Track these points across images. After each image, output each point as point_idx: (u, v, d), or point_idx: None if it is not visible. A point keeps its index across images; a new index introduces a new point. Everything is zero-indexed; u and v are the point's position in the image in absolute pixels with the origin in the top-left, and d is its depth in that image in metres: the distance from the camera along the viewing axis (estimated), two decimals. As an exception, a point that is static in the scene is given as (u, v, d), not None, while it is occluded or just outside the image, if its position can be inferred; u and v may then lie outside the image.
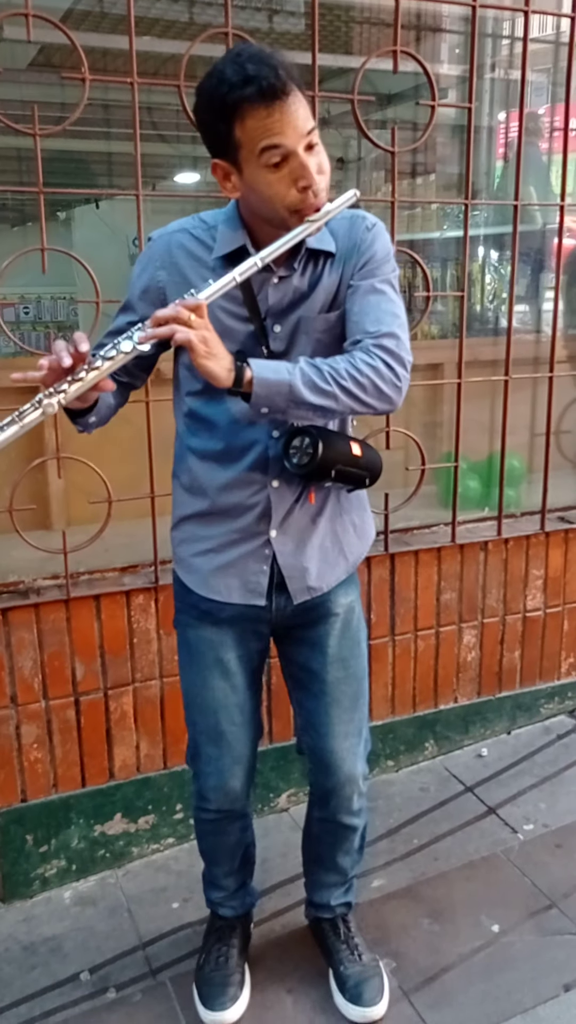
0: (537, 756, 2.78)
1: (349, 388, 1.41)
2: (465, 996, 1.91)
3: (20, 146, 4.01)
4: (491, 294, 3.70)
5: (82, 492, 2.27)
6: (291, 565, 1.63)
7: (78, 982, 1.99)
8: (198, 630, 1.71)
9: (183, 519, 1.68)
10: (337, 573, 1.70)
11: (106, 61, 3.18)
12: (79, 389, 1.31)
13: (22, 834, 2.23)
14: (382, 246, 1.54)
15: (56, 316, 6.61)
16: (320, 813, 1.87)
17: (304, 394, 1.39)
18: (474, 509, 2.89)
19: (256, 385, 1.38)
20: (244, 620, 1.68)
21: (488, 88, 3.66)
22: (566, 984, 1.93)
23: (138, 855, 2.37)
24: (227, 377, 1.36)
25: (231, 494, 1.59)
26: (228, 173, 1.42)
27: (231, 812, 1.83)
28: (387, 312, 1.49)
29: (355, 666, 1.76)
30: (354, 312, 1.50)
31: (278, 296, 1.53)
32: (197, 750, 1.79)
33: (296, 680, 1.79)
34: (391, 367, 1.44)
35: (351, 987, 1.88)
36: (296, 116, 1.34)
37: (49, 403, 1.28)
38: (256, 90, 1.30)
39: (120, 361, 1.34)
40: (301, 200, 1.38)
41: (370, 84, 2.89)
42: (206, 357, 1.34)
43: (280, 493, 1.59)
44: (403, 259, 2.57)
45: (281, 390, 1.39)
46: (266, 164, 1.35)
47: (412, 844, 2.41)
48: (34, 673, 2.18)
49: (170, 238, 1.54)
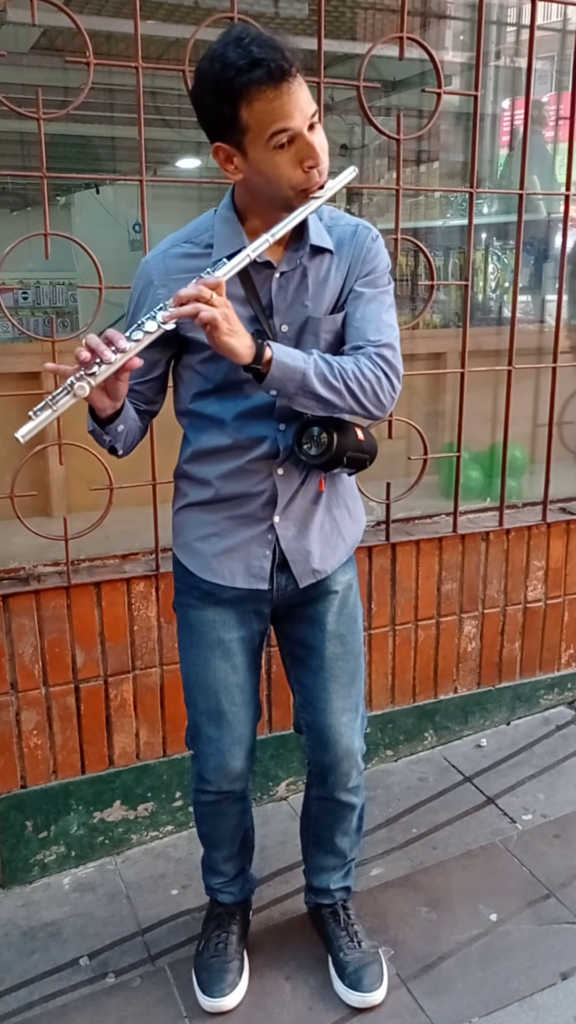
0: (536, 747, 2.78)
1: (353, 389, 1.47)
2: (463, 984, 1.92)
3: (22, 130, 3.99)
4: (494, 283, 3.69)
5: (83, 479, 2.26)
6: (295, 549, 1.66)
7: (77, 967, 2.00)
8: (200, 611, 1.72)
9: (186, 506, 1.69)
10: (338, 555, 1.73)
11: (110, 45, 3.15)
12: (108, 371, 1.32)
13: (22, 820, 2.23)
14: (384, 258, 1.60)
15: (55, 301, 6.58)
16: (318, 792, 1.88)
17: (315, 385, 1.44)
18: (476, 499, 2.89)
19: (274, 367, 1.42)
20: (246, 601, 1.70)
21: (493, 76, 3.64)
22: (563, 972, 1.94)
23: (137, 842, 2.38)
24: (248, 354, 1.39)
25: (238, 483, 1.61)
26: (230, 156, 1.43)
27: (231, 793, 1.85)
28: (387, 324, 1.55)
29: (352, 642, 1.79)
30: (356, 318, 1.55)
31: (282, 294, 1.54)
32: (197, 731, 1.80)
33: (295, 657, 1.81)
34: (389, 379, 1.51)
35: (350, 973, 1.89)
36: (301, 97, 1.36)
37: (80, 386, 1.30)
38: (265, 73, 1.32)
39: (145, 342, 1.34)
40: (307, 179, 1.41)
41: (375, 70, 2.87)
42: (229, 335, 1.36)
43: (285, 480, 1.62)
44: (407, 247, 2.56)
45: (295, 376, 1.43)
46: (274, 146, 1.37)
47: (411, 833, 2.41)
48: (34, 660, 2.18)
49: (163, 257, 1.56)
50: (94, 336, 1.33)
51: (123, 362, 1.33)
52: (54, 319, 2.42)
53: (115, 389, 1.40)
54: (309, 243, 1.53)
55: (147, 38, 2.17)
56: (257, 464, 1.59)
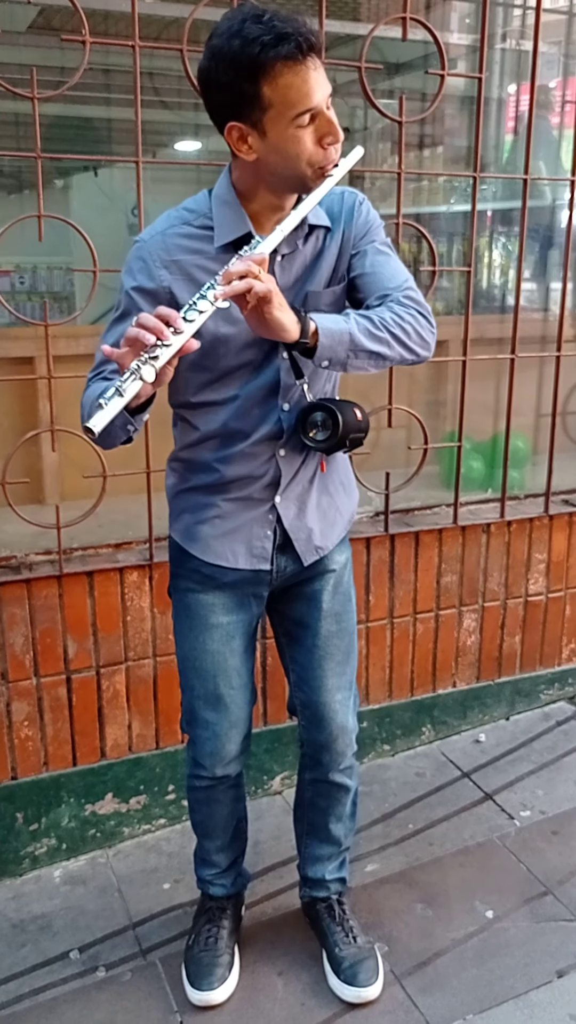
0: (535, 742, 2.76)
1: (397, 334, 1.47)
2: (458, 981, 1.90)
3: (18, 111, 3.94)
4: (498, 270, 3.64)
5: (76, 466, 2.23)
6: (297, 527, 1.67)
7: (68, 960, 1.98)
8: (199, 595, 1.71)
9: (185, 490, 1.68)
10: (337, 531, 1.74)
11: (107, 24, 3.10)
12: (168, 353, 1.28)
13: (12, 812, 2.21)
14: (375, 217, 1.59)
15: (52, 287, 6.51)
16: (312, 774, 1.88)
17: (363, 341, 1.43)
18: (477, 490, 2.86)
19: (321, 335, 1.40)
20: (246, 584, 1.70)
21: (498, 59, 3.59)
22: (559, 970, 1.92)
23: (129, 835, 2.36)
24: (295, 329, 1.37)
25: (241, 466, 1.61)
26: (245, 135, 1.39)
27: (225, 779, 1.84)
28: (398, 269, 1.56)
29: (347, 621, 1.80)
30: (368, 272, 1.55)
31: (285, 276, 1.53)
32: (194, 715, 1.79)
33: (290, 636, 1.81)
34: (424, 316, 1.51)
35: (346, 968, 1.88)
36: (322, 73, 1.36)
37: (147, 369, 1.27)
38: (293, 47, 1.31)
39: (200, 322, 1.31)
40: (325, 156, 1.40)
41: (378, 52, 2.82)
42: (280, 309, 1.35)
43: (287, 461, 1.62)
44: (409, 233, 2.52)
45: (343, 339, 1.42)
46: (298, 124, 1.36)
47: (407, 829, 2.39)
48: (25, 650, 2.15)
49: (162, 237, 1.50)
50: (147, 316, 1.28)
51: (182, 343, 1.29)
52: (47, 303, 2.38)
53: (163, 375, 1.34)
54: (308, 223, 1.51)
55: (145, 17, 2.12)
56: (260, 447, 1.59)
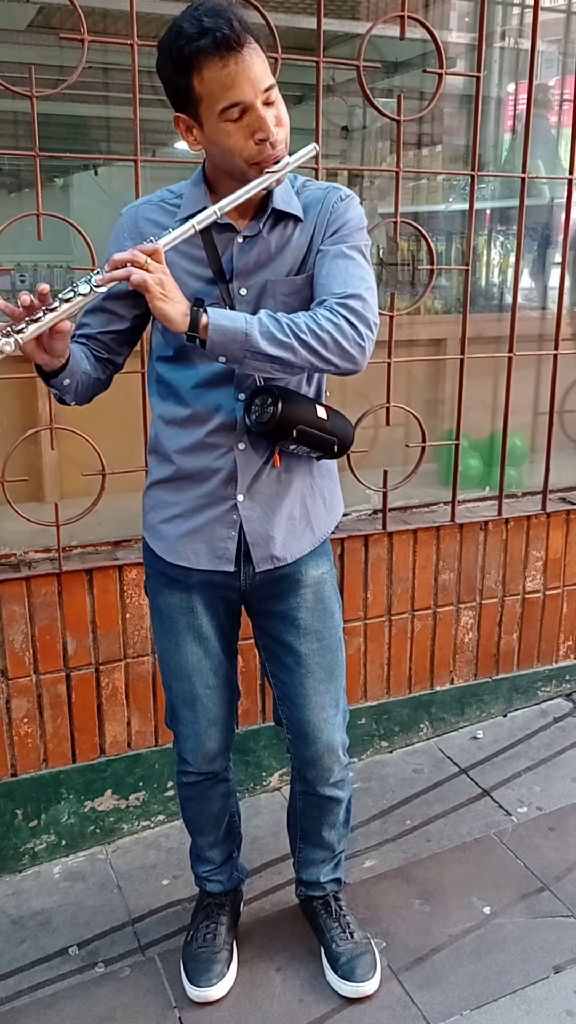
0: (533, 739, 2.77)
1: (308, 341, 1.41)
2: (455, 976, 1.91)
3: (17, 109, 3.94)
4: (496, 269, 3.64)
5: (75, 464, 2.24)
6: (256, 532, 1.62)
7: (67, 956, 1.99)
8: (167, 596, 1.71)
9: (152, 485, 1.68)
10: (303, 544, 1.68)
11: (106, 23, 3.11)
12: (36, 328, 1.31)
13: (12, 808, 2.21)
14: (355, 215, 1.55)
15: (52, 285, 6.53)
16: (302, 787, 1.87)
17: (260, 344, 1.39)
18: (474, 488, 2.87)
19: (211, 331, 1.38)
20: (212, 587, 1.68)
21: (497, 58, 3.58)
22: (556, 966, 1.93)
23: (128, 831, 2.36)
24: (183, 321, 1.37)
25: (196, 458, 1.59)
26: (190, 127, 1.44)
27: (211, 775, 1.85)
28: (355, 276, 1.49)
29: (329, 638, 1.75)
30: (321, 275, 1.51)
31: (244, 258, 1.53)
32: (174, 713, 1.81)
33: (270, 652, 1.79)
34: (354, 326, 1.43)
35: (343, 964, 1.88)
36: (252, 68, 1.35)
37: (6, 341, 1.29)
38: (211, 41, 1.32)
39: (77, 303, 1.34)
40: (259, 152, 1.41)
41: (376, 51, 2.82)
42: (162, 300, 1.35)
43: (246, 456, 1.59)
44: (407, 231, 2.52)
45: (237, 338, 1.39)
46: (225, 117, 1.37)
47: (405, 825, 2.40)
48: (25, 647, 2.16)
49: (136, 210, 1.57)
50: (25, 293, 1.32)
51: (52, 323, 1.32)
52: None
53: (52, 346, 1.38)
54: (272, 207, 1.52)
55: (143, 16, 2.12)
56: (217, 437, 1.57)
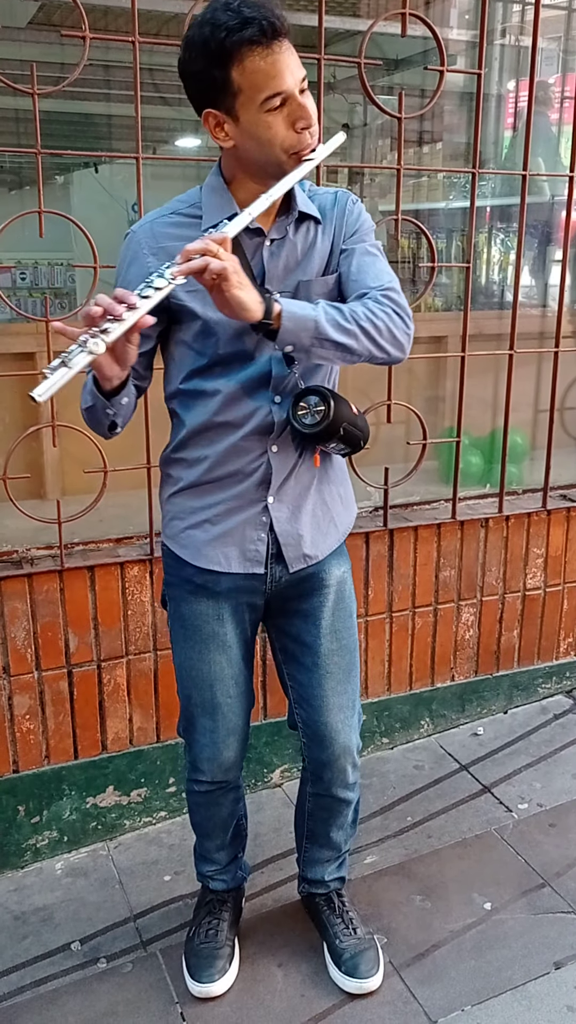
0: (533, 736, 2.77)
1: (367, 329, 1.45)
2: (456, 972, 1.91)
3: (18, 107, 3.93)
4: (497, 266, 3.64)
5: (77, 461, 2.24)
6: (287, 532, 1.63)
7: (69, 952, 1.99)
8: (193, 604, 1.69)
9: (176, 493, 1.66)
10: (329, 542, 1.70)
11: (107, 20, 3.10)
12: (121, 328, 1.28)
13: (14, 804, 2.22)
14: (367, 220, 1.60)
15: (53, 283, 6.53)
16: (314, 788, 1.86)
17: (328, 331, 1.42)
18: (475, 485, 2.87)
19: (284, 318, 1.39)
20: (240, 592, 1.67)
21: (498, 55, 3.58)
22: (556, 962, 1.94)
23: (130, 828, 2.37)
24: (258, 308, 1.36)
25: (231, 462, 1.58)
26: (221, 122, 1.42)
27: (224, 783, 1.84)
28: (384, 271, 1.56)
29: (348, 638, 1.76)
30: (352, 271, 1.54)
31: (274, 261, 1.53)
32: (191, 722, 1.78)
33: (288, 653, 1.78)
34: (401, 316, 1.49)
35: (346, 960, 1.89)
36: (292, 58, 1.37)
37: (95, 342, 1.25)
38: (257, 31, 1.33)
39: (156, 298, 1.30)
40: (299, 140, 1.41)
41: (377, 48, 2.82)
42: (239, 287, 1.34)
43: (279, 458, 1.59)
44: (408, 229, 2.52)
45: (307, 325, 1.41)
46: (267, 108, 1.37)
47: (406, 821, 2.40)
48: (27, 644, 2.16)
49: (151, 226, 1.54)
50: (104, 295, 1.29)
51: (136, 319, 1.28)
52: (48, 299, 2.39)
53: (124, 353, 1.35)
54: (297, 210, 1.53)
55: (144, 13, 2.13)
56: (251, 441, 1.57)
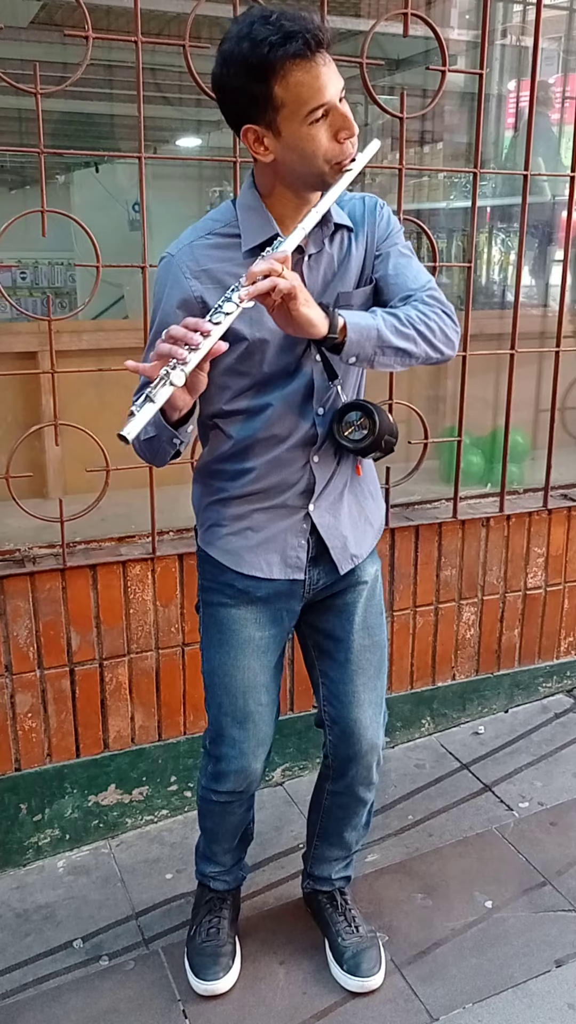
0: (534, 735, 2.78)
1: (423, 332, 1.47)
2: (457, 970, 1.92)
3: (21, 106, 3.94)
4: (498, 266, 3.65)
5: (79, 460, 2.24)
6: (333, 535, 1.65)
7: (71, 949, 2.00)
8: (232, 609, 1.68)
9: (216, 501, 1.65)
10: (369, 540, 1.73)
11: (109, 20, 3.10)
12: (198, 356, 1.28)
13: (16, 803, 2.22)
14: (395, 222, 1.61)
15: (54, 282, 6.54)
16: (334, 786, 1.85)
17: (390, 337, 1.44)
18: (476, 485, 2.87)
19: (350, 331, 1.40)
20: (279, 597, 1.67)
21: (499, 55, 3.58)
22: (558, 960, 1.94)
23: (132, 826, 2.37)
24: (324, 324, 1.37)
25: (275, 474, 1.59)
26: (261, 137, 1.40)
27: (244, 793, 1.82)
28: (421, 271, 1.57)
29: (379, 635, 1.77)
30: (391, 274, 1.55)
31: (313, 276, 1.53)
32: (220, 733, 1.75)
33: (321, 649, 1.78)
34: (448, 315, 1.52)
35: (349, 958, 1.89)
36: (333, 68, 1.37)
37: (176, 374, 1.26)
38: (301, 44, 1.31)
39: (227, 323, 1.31)
40: (342, 151, 1.40)
41: (379, 48, 2.82)
42: (306, 305, 1.35)
43: (321, 468, 1.60)
44: (410, 228, 2.53)
45: (370, 335, 1.42)
46: (311, 120, 1.36)
47: (407, 820, 2.41)
48: (29, 642, 2.17)
49: (191, 248, 1.50)
50: (177, 327, 1.29)
51: (210, 347, 1.29)
52: (51, 298, 2.39)
53: (196, 381, 1.34)
54: (333, 222, 1.52)
55: (147, 13, 2.12)
56: (294, 452, 1.57)
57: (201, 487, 1.69)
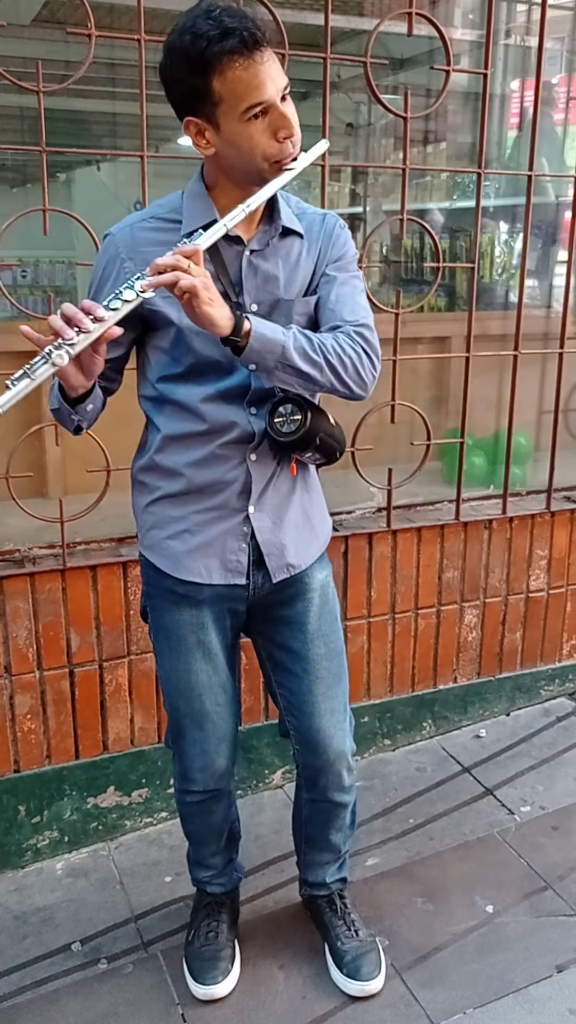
0: (536, 738, 2.77)
1: (334, 364, 1.46)
2: (457, 975, 1.91)
3: (23, 104, 3.93)
4: (501, 267, 3.64)
5: (80, 460, 2.23)
6: (269, 542, 1.62)
7: (69, 952, 1.99)
8: (175, 614, 1.67)
9: (153, 502, 1.64)
10: (312, 551, 1.70)
11: (112, 18, 3.09)
12: (86, 340, 1.28)
13: (14, 804, 2.21)
14: (352, 247, 1.60)
15: (54, 280, 6.52)
16: (310, 794, 1.85)
17: (294, 358, 1.43)
18: (479, 486, 2.86)
19: (253, 338, 1.39)
20: (222, 599, 1.65)
21: (503, 55, 3.57)
22: (559, 965, 1.93)
23: (131, 828, 2.36)
24: (227, 325, 1.37)
25: (210, 471, 1.57)
26: (202, 130, 1.42)
27: (216, 792, 1.82)
28: (362, 307, 1.55)
29: (335, 642, 1.75)
30: (331, 300, 1.54)
31: (251, 270, 1.52)
32: (180, 733, 1.76)
33: (276, 661, 1.76)
34: (369, 356, 1.50)
35: (348, 962, 1.88)
36: (274, 67, 1.37)
37: (59, 354, 1.25)
38: (238, 41, 1.32)
39: (124, 311, 1.30)
40: (280, 150, 1.40)
41: (383, 47, 2.81)
42: (209, 304, 1.34)
43: (258, 467, 1.58)
44: (413, 229, 2.52)
45: (274, 349, 1.42)
46: (247, 117, 1.36)
47: (408, 824, 2.39)
48: (28, 643, 2.16)
49: (131, 229, 1.52)
50: (69, 305, 1.29)
51: (102, 331, 1.28)
52: (52, 297, 2.38)
53: (91, 364, 1.34)
54: (281, 224, 1.52)
55: (150, 11, 2.12)
56: (229, 449, 1.55)
57: (138, 488, 1.67)
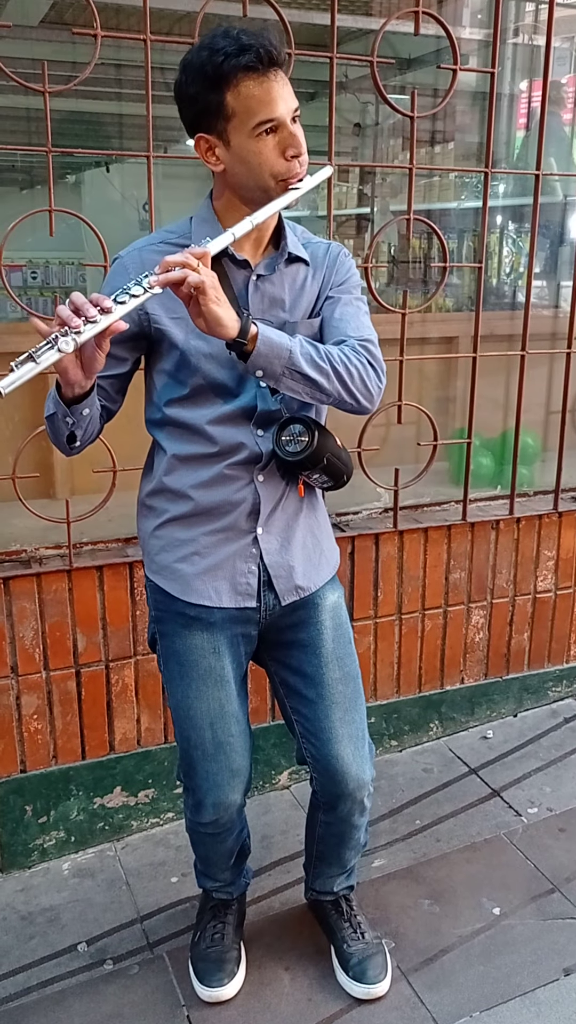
0: (543, 739, 2.76)
1: (340, 372, 1.46)
2: (464, 977, 1.90)
3: (30, 106, 3.94)
4: (508, 267, 3.63)
5: (86, 461, 2.22)
6: (278, 564, 1.61)
7: (75, 953, 1.99)
8: (187, 639, 1.64)
9: (161, 525, 1.62)
10: (322, 573, 1.69)
11: (119, 19, 3.10)
12: (93, 330, 1.27)
13: (21, 804, 2.22)
14: (356, 275, 1.64)
15: (64, 282, 6.54)
16: (327, 817, 1.80)
17: (301, 364, 1.43)
18: (486, 487, 2.85)
19: (260, 342, 1.39)
20: (234, 622, 1.64)
21: (511, 54, 3.56)
22: (566, 968, 1.92)
23: (137, 828, 2.36)
24: (234, 327, 1.36)
25: (216, 492, 1.56)
26: (213, 146, 1.45)
27: (229, 824, 1.78)
28: (366, 325, 1.57)
29: (350, 665, 1.72)
30: (335, 318, 1.56)
31: (258, 295, 1.54)
32: (192, 767, 1.71)
33: (290, 687, 1.73)
34: (375, 368, 1.51)
35: (354, 965, 1.87)
36: (286, 88, 1.41)
37: (65, 341, 1.25)
38: (254, 57, 1.36)
39: (131, 305, 1.30)
40: (288, 168, 1.43)
41: (390, 47, 2.81)
42: (216, 303, 1.34)
43: (266, 488, 1.58)
44: (420, 229, 2.51)
45: (281, 354, 1.41)
46: (258, 132, 1.40)
47: (414, 825, 2.39)
48: (35, 643, 2.16)
49: (140, 253, 1.53)
50: (79, 294, 1.29)
51: (108, 323, 1.28)
52: (58, 298, 2.38)
53: (92, 360, 1.33)
54: (287, 251, 1.55)
55: (156, 11, 2.12)
56: (237, 469, 1.55)
57: (145, 512, 1.66)
